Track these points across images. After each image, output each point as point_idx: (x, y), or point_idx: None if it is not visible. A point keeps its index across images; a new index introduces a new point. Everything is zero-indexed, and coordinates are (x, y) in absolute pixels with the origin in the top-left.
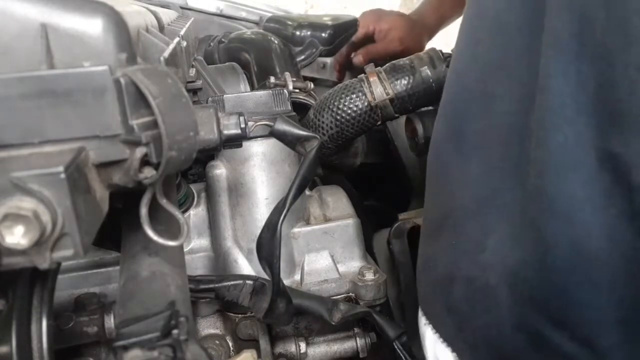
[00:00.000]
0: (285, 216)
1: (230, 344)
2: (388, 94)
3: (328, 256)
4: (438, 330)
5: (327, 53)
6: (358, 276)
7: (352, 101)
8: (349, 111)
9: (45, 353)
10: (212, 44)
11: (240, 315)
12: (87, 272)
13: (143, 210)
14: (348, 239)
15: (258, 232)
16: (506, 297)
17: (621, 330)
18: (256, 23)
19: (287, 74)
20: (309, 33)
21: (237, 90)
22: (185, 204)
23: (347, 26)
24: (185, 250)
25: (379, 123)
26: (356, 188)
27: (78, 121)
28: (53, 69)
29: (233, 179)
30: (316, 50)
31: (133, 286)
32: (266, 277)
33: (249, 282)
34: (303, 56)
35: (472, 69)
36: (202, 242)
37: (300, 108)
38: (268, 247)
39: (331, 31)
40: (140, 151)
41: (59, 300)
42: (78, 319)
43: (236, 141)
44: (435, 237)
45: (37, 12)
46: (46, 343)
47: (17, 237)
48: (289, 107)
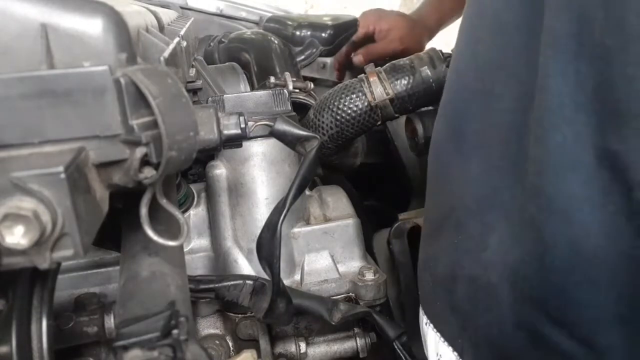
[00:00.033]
0: (285, 216)
1: (230, 344)
2: (388, 94)
3: (328, 256)
4: (440, 330)
5: (327, 53)
6: (358, 276)
7: (352, 101)
8: (349, 111)
9: (45, 353)
10: (212, 44)
11: (240, 315)
12: (87, 272)
13: (143, 210)
14: (348, 239)
15: (258, 232)
16: (507, 296)
17: (620, 328)
18: (256, 23)
19: (287, 74)
20: (309, 33)
21: (237, 90)
22: (185, 204)
23: (347, 26)
24: (185, 250)
25: (379, 123)
26: (356, 188)
27: (78, 121)
28: (53, 69)
29: (233, 179)
30: (316, 50)
31: (133, 286)
32: (266, 277)
33: (249, 282)
34: (303, 56)
35: (472, 68)
36: (202, 242)
37: (300, 108)
38: (268, 247)
39: (331, 31)
40: (140, 151)
41: (59, 300)
42: (78, 319)
43: (236, 141)
44: (436, 237)
45: (37, 12)
46: (46, 343)
47: (17, 237)
48: (289, 107)
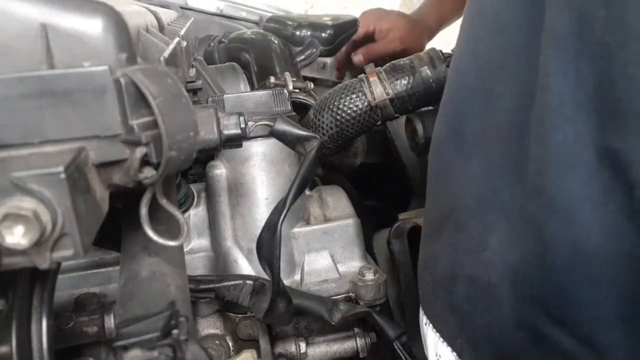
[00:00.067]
0: (285, 216)
1: (230, 344)
2: (388, 94)
3: (328, 256)
4: (439, 330)
5: (327, 53)
6: (358, 276)
7: (352, 101)
8: (349, 111)
9: (45, 353)
10: (212, 44)
11: (240, 315)
12: (87, 272)
13: (143, 210)
14: (348, 239)
15: (258, 232)
16: (507, 295)
17: (621, 327)
18: (256, 23)
19: (287, 74)
20: (309, 33)
21: (237, 90)
22: (185, 204)
23: (347, 26)
24: (185, 250)
25: (379, 123)
26: (356, 188)
27: (78, 121)
28: (53, 69)
29: (233, 179)
30: (316, 50)
31: (133, 286)
32: (266, 277)
33: (249, 282)
34: (303, 56)
35: (473, 68)
36: (202, 242)
37: (300, 108)
38: (268, 247)
39: (331, 31)
40: (140, 151)
41: (59, 300)
42: (78, 319)
43: (236, 141)
44: (436, 237)
45: (37, 12)
46: (46, 343)
47: (17, 237)
48: (289, 107)
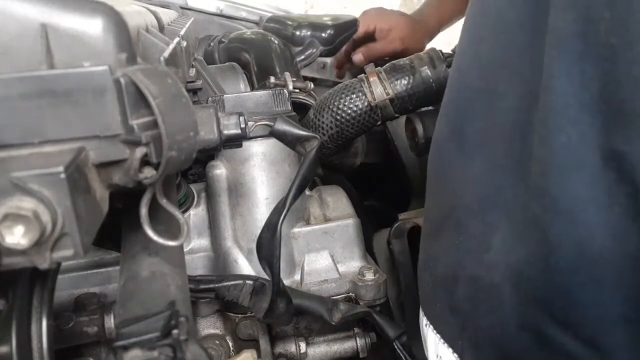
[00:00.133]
0: (285, 216)
1: (230, 344)
2: (388, 94)
3: (328, 256)
4: (440, 331)
5: (327, 53)
6: (358, 276)
7: (352, 101)
8: (349, 111)
9: (45, 353)
10: (212, 44)
11: (240, 315)
12: (87, 272)
13: (143, 210)
14: (348, 239)
15: (258, 232)
16: (510, 296)
17: (625, 328)
18: (256, 23)
19: (287, 74)
20: (309, 33)
21: (237, 90)
22: (185, 204)
23: (347, 26)
24: (185, 250)
25: (379, 123)
26: (356, 188)
27: (78, 121)
28: (53, 69)
29: (233, 179)
30: (316, 50)
31: (133, 286)
32: (266, 277)
33: (249, 282)
34: (303, 56)
35: (475, 67)
36: (202, 242)
37: (300, 108)
38: (268, 247)
39: (331, 31)
40: (140, 151)
41: (59, 300)
42: (78, 319)
43: (236, 141)
44: (436, 237)
45: (37, 12)
46: (46, 343)
47: (17, 237)
48: (289, 107)
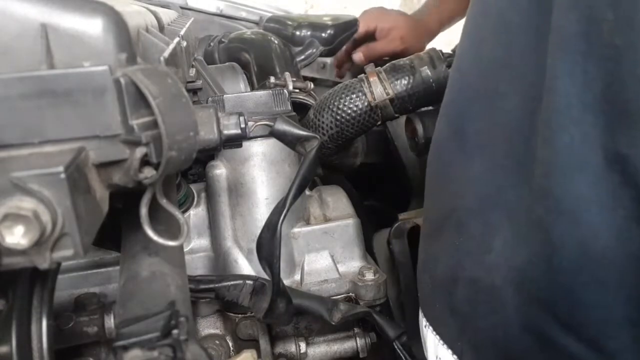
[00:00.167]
0: (285, 216)
1: (230, 344)
2: (388, 94)
3: (328, 256)
4: (439, 332)
5: (327, 53)
6: (358, 276)
7: (352, 101)
8: (349, 111)
9: (45, 353)
10: (212, 44)
11: (240, 315)
12: (87, 272)
13: (143, 210)
14: (348, 239)
15: (258, 232)
16: (512, 298)
17: (629, 330)
18: (256, 23)
19: (287, 74)
20: (309, 33)
21: (237, 90)
22: (185, 204)
23: (347, 26)
24: (185, 250)
25: (379, 123)
26: (356, 188)
27: (78, 121)
28: (53, 69)
29: (233, 179)
30: (316, 50)
31: (133, 286)
32: (266, 277)
33: (249, 282)
34: (303, 56)
35: (476, 68)
36: (202, 242)
37: (300, 108)
38: (268, 247)
39: (331, 31)
40: (140, 151)
41: (59, 300)
42: (78, 319)
43: (236, 141)
44: (436, 237)
45: (37, 12)
46: (46, 343)
47: (17, 237)
48: (289, 107)
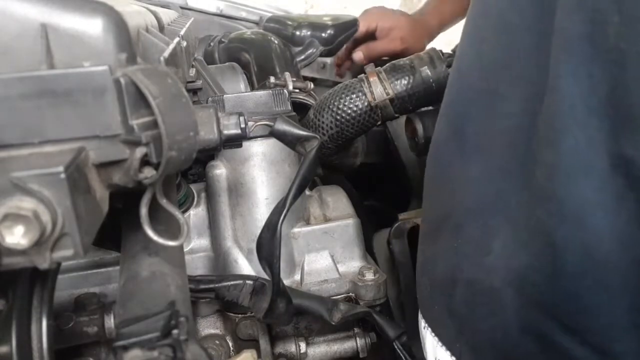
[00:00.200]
0: (285, 216)
1: (230, 344)
2: (388, 94)
3: (328, 256)
4: (437, 333)
5: (327, 53)
6: (358, 276)
7: (352, 101)
8: (349, 111)
9: (45, 353)
10: (212, 44)
11: (240, 315)
12: (87, 272)
13: (143, 210)
14: (348, 239)
15: (258, 232)
16: (512, 300)
17: (635, 334)
18: (256, 23)
19: (287, 74)
20: (309, 33)
21: (237, 90)
22: (185, 204)
23: (347, 26)
24: (185, 250)
25: (379, 123)
26: (356, 188)
27: (78, 121)
28: (53, 69)
29: (233, 179)
30: (316, 50)
31: (133, 286)
32: (266, 277)
33: (249, 282)
34: (303, 56)
35: (476, 68)
36: (202, 242)
37: (300, 108)
38: (268, 247)
39: (331, 31)
40: (140, 151)
41: (59, 300)
42: (78, 319)
43: (236, 141)
44: (434, 239)
45: (37, 12)
46: (46, 343)
47: (17, 237)
48: (289, 107)
